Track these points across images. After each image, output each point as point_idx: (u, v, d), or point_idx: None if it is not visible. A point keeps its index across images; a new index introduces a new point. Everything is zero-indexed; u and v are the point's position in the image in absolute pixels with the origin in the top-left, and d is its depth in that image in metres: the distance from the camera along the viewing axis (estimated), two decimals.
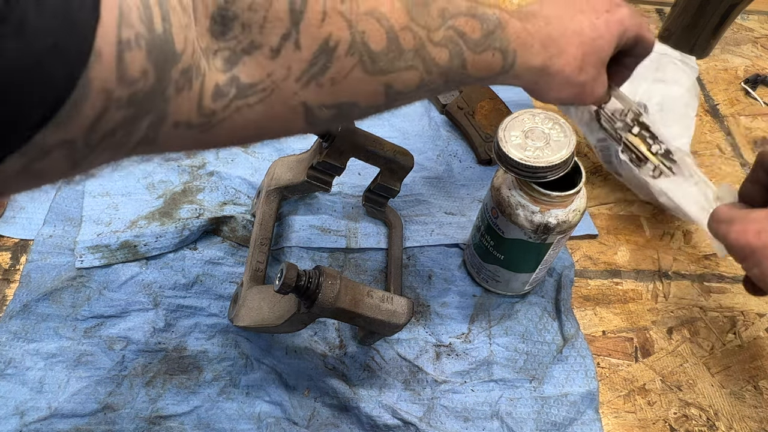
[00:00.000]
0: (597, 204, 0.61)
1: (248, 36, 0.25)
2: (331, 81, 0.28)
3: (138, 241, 0.51)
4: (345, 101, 0.29)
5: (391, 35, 0.29)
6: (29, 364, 0.44)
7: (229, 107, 0.25)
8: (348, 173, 0.52)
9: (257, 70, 0.25)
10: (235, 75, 0.25)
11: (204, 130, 0.25)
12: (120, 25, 0.18)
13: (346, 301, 0.38)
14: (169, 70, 0.21)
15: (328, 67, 0.27)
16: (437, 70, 0.32)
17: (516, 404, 0.46)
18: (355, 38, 0.27)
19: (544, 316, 0.51)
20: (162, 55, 0.20)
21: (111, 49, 0.18)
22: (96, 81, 0.18)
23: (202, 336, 0.47)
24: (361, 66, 0.28)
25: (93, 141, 0.19)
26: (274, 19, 0.25)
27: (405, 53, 0.29)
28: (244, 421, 0.44)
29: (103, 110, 0.18)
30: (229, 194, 0.56)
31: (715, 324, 0.53)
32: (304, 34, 0.26)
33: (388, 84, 0.30)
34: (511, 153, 0.39)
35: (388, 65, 0.29)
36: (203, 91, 0.23)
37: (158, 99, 0.21)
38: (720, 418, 0.47)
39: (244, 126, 0.27)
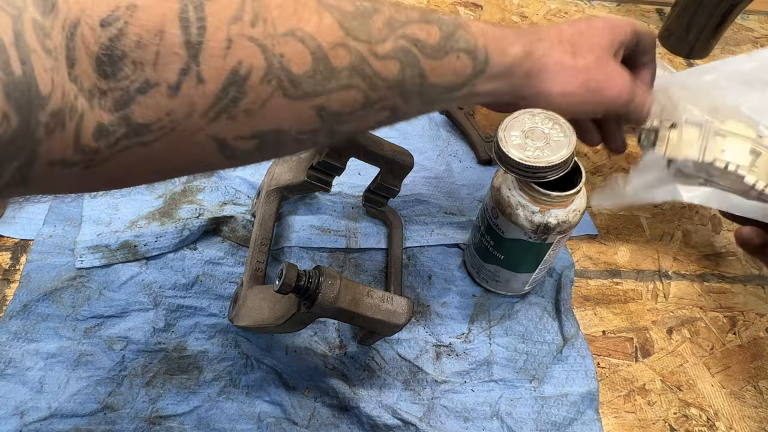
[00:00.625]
0: None
1: (141, 74, 0.23)
2: (245, 113, 0.25)
3: (138, 241, 0.51)
4: (266, 130, 0.26)
5: (318, 55, 0.26)
6: (29, 364, 0.44)
7: (116, 146, 0.23)
8: (348, 173, 0.51)
9: (154, 110, 0.23)
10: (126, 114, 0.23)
11: (87, 167, 0.23)
12: None
13: (346, 301, 0.38)
14: (35, 113, 0.19)
15: (241, 98, 0.25)
16: (385, 85, 0.28)
17: (516, 404, 0.46)
18: (271, 63, 0.25)
19: (544, 316, 0.51)
20: (24, 97, 0.19)
21: None
22: None
23: (202, 336, 0.47)
24: (281, 92, 0.25)
25: None
26: (169, 54, 0.23)
27: (338, 72, 0.26)
28: (244, 421, 0.44)
29: None
30: (229, 194, 0.56)
31: (715, 324, 0.53)
32: (206, 66, 0.23)
33: (319, 107, 0.27)
34: (511, 153, 0.39)
35: (316, 87, 0.26)
36: (80, 130, 0.22)
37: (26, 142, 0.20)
38: (720, 418, 0.47)
39: (139, 163, 0.25)
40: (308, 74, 0.26)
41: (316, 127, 0.28)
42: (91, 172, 0.24)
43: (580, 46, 0.37)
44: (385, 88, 0.29)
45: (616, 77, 0.39)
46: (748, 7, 0.73)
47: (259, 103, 0.25)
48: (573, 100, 0.38)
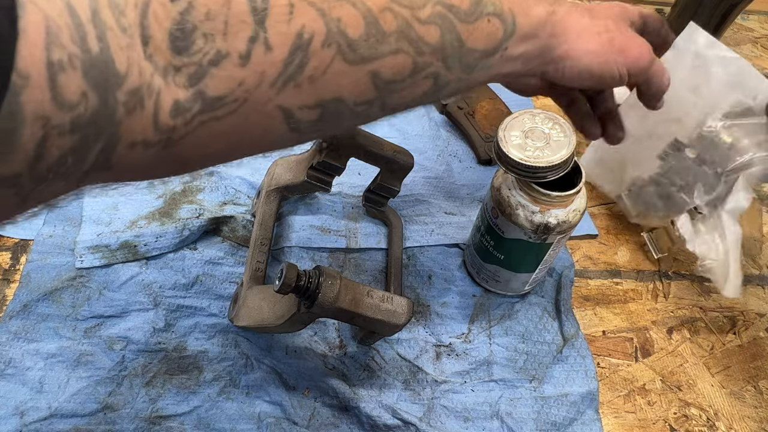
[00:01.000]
0: (597, 204, 0.61)
1: (213, 46, 0.23)
2: (309, 79, 0.26)
3: (138, 241, 0.51)
4: (328, 98, 0.27)
5: (369, 19, 0.26)
6: (29, 364, 0.44)
7: (192, 122, 0.24)
8: (348, 173, 0.51)
9: (227, 81, 0.24)
10: (200, 89, 0.23)
11: (165, 147, 0.23)
12: (48, 45, 0.17)
13: (346, 301, 0.38)
14: (113, 92, 0.19)
15: (306, 64, 0.25)
16: (429, 50, 0.29)
17: (516, 404, 0.46)
18: (330, 27, 0.25)
19: (544, 316, 0.51)
20: (102, 76, 0.19)
21: (41, 71, 0.17)
22: (29, 107, 0.16)
23: (202, 336, 0.47)
24: (341, 56, 0.26)
25: (40, 173, 0.18)
26: (237, 23, 0.23)
27: (388, 36, 0.27)
28: (244, 421, 0.44)
29: (43, 138, 0.17)
30: (229, 194, 0.56)
31: (715, 324, 0.53)
32: (273, 32, 0.24)
33: (374, 72, 0.28)
34: (511, 153, 0.39)
35: (370, 51, 0.27)
36: (158, 108, 0.22)
37: (107, 122, 0.20)
38: (720, 418, 0.47)
39: (212, 138, 0.25)
40: (363, 38, 0.26)
41: (371, 96, 0.29)
42: (169, 153, 0.24)
43: (597, 12, 0.38)
44: (429, 53, 0.29)
45: (636, 39, 0.39)
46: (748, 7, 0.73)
47: (322, 68, 0.26)
48: (600, 59, 0.37)
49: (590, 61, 0.37)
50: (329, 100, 0.27)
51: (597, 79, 0.38)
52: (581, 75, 0.38)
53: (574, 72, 0.37)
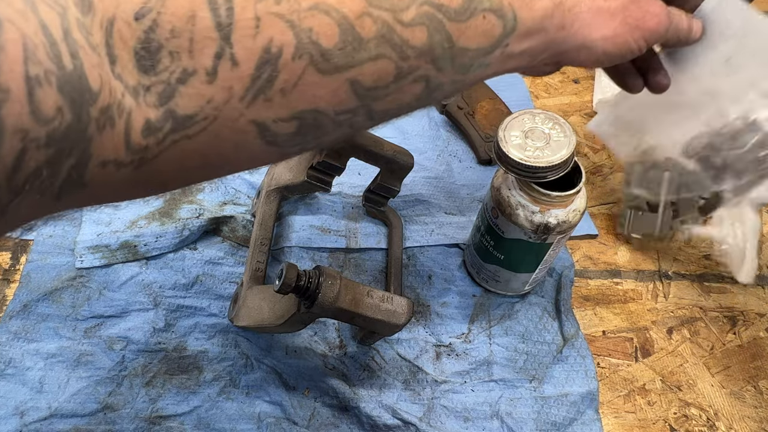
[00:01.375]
0: (597, 204, 0.61)
1: (179, 64, 0.23)
2: (281, 92, 0.25)
3: (138, 241, 0.51)
4: (304, 109, 0.26)
5: (344, 26, 0.25)
6: (29, 364, 0.44)
7: (164, 141, 0.23)
8: (348, 173, 0.52)
9: (195, 99, 0.23)
10: (171, 108, 0.23)
11: (138, 167, 0.23)
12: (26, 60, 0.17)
13: (346, 301, 0.38)
14: (87, 108, 0.20)
15: (275, 78, 0.25)
16: (414, 53, 0.28)
17: (516, 404, 0.46)
18: (300, 39, 0.24)
19: (544, 316, 0.51)
20: (76, 92, 0.19)
21: (20, 85, 0.17)
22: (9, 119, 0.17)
23: (202, 336, 0.47)
24: (314, 67, 0.25)
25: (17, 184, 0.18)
26: (202, 39, 0.23)
27: (366, 42, 0.26)
28: (244, 421, 0.44)
29: (21, 151, 0.18)
30: (229, 194, 0.56)
31: (715, 324, 0.53)
32: (239, 47, 0.23)
33: (352, 80, 0.27)
34: (511, 153, 0.39)
35: (347, 60, 0.26)
36: (129, 128, 0.22)
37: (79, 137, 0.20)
38: (720, 418, 0.47)
39: (185, 157, 0.25)
40: (338, 46, 0.25)
41: (353, 105, 0.28)
42: (143, 173, 0.24)
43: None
44: (415, 56, 0.28)
45: (650, 7, 0.37)
46: None
47: (293, 80, 0.25)
48: (616, 41, 0.36)
49: (607, 46, 0.35)
50: (306, 111, 0.26)
51: (616, 59, 0.37)
52: (598, 60, 0.36)
53: (591, 60, 0.36)
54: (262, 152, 0.27)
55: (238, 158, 0.27)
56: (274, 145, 0.27)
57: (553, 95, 0.71)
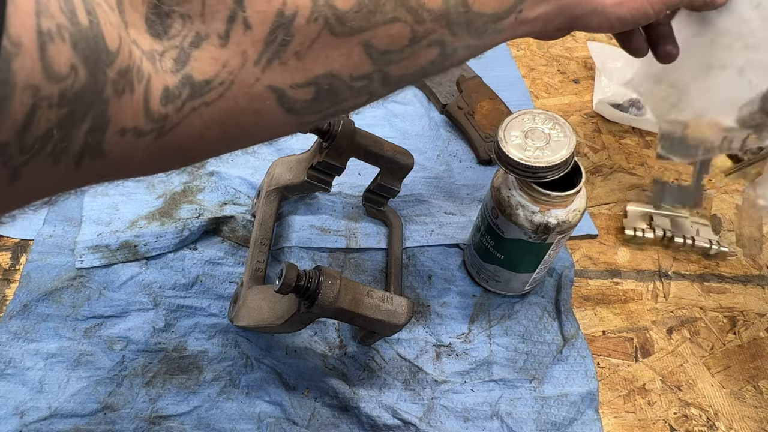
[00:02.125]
0: (597, 204, 0.61)
1: (191, 28, 0.22)
2: (295, 56, 0.25)
3: (138, 241, 0.51)
4: (319, 74, 0.26)
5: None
6: (29, 364, 0.44)
7: (183, 109, 0.23)
8: (348, 173, 0.52)
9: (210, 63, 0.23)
10: (187, 73, 0.23)
11: (158, 137, 0.23)
12: (38, 13, 0.16)
13: (346, 301, 0.38)
14: (103, 69, 0.19)
15: (289, 42, 0.24)
16: (430, 17, 0.28)
17: (516, 404, 0.46)
18: (316, 2, 0.24)
19: (544, 316, 0.51)
20: (91, 51, 0.18)
21: (31, 39, 0.16)
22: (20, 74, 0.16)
23: (202, 336, 0.47)
24: (329, 30, 0.25)
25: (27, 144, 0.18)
26: (215, 3, 0.23)
27: (382, 5, 0.26)
28: (244, 421, 0.44)
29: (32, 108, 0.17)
30: (229, 194, 0.56)
31: (715, 324, 0.53)
32: (252, 11, 0.23)
33: (366, 43, 0.26)
34: (511, 153, 0.39)
35: (362, 22, 0.25)
36: (148, 94, 0.22)
37: (95, 100, 0.19)
38: (720, 418, 0.47)
39: (205, 126, 0.25)
40: (354, 9, 0.25)
41: (368, 69, 0.27)
42: (163, 143, 0.23)
43: None
44: (430, 20, 0.28)
45: None
46: None
47: (307, 44, 0.25)
48: (631, 6, 0.35)
49: (620, 12, 0.35)
50: (321, 76, 0.26)
51: (630, 25, 0.36)
52: (612, 26, 0.35)
53: (605, 26, 0.35)
54: (282, 121, 0.27)
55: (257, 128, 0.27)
56: (293, 113, 0.27)
57: (553, 95, 0.71)
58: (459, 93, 0.66)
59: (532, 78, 0.73)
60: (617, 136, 0.67)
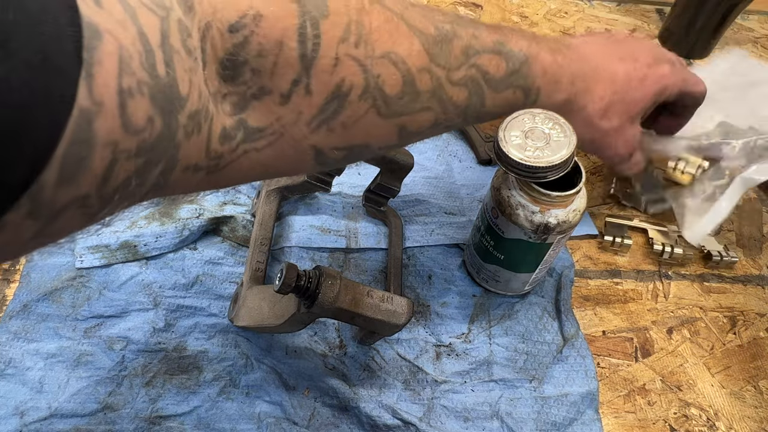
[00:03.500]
0: (597, 204, 0.61)
1: (258, 81, 0.24)
2: (342, 125, 0.27)
3: (138, 241, 0.51)
4: (357, 143, 0.29)
5: (407, 78, 0.28)
6: (29, 364, 0.44)
7: (237, 150, 0.25)
8: (348, 173, 0.52)
9: (266, 115, 0.25)
10: (243, 119, 0.24)
11: (211, 172, 0.24)
12: (121, 73, 0.17)
13: (346, 301, 0.38)
14: (176, 115, 0.20)
15: (340, 112, 0.26)
16: (454, 110, 0.31)
17: (516, 404, 0.46)
18: (369, 83, 0.26)
19: (544, 316, 0.51)
20: (167, 100, 0.19)
21: (113, 98, 0.17)
22: (101, 132, 0.17)
23: (202, 336, 0.47)
24: (375, 110, 0.27)
25: (107, 194, 0.19)
26: (285, 65, 0.24)
27: (421, 95, 0.29)
28: (244, 421, 0.44)
29: (112, 162, 0.18)
30: (229, 194, 0.56)
31: (715, 324, 0.53)
32: (316, 80, 0.25)
33: (401, 126, 0.29)
34: (511, 153, 0.39)
35: (403, 108, 0.28)
36: (211, 134, 0.23)
37: (168, 145, 0.20)
38: (720, 418, 0.47)
39: (251, 168, 0.26)
40: (398, 95, 0.28)
41: (393, 143, 0.31)
42: (214, 178, 0.25)
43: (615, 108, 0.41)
44: (454, 112, 0.31)
45: (619, 146, 0.44)
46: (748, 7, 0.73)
47: (355, 118, 0.27)
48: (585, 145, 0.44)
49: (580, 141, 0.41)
50: (357, 145, 0.29)
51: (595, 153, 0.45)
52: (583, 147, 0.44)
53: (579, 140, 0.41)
54: (311, 168, 0.30)
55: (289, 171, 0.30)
56: (321, 165, 0.30)
57: None
58: None
59: None
60: None
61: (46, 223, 0.17)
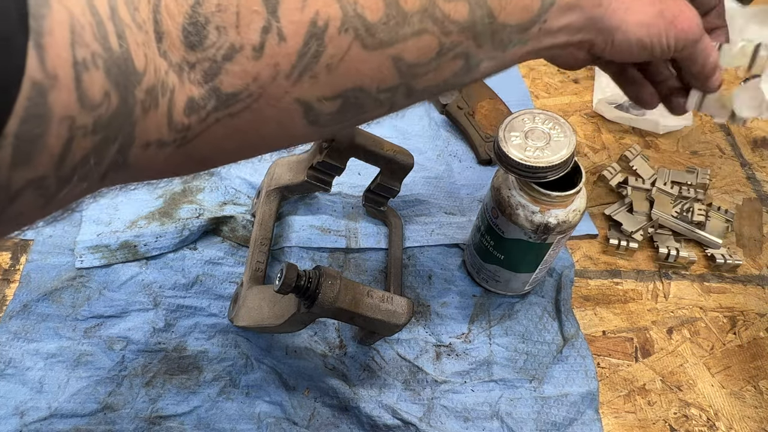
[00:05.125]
0: (597, 204, 0.61)
1: (226, 39, 0.22)
2: (326, 68, 0.24)
3: (138, 241, 0.51)
4: (348, 87, 0.26)
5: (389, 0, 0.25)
6: (29, 364, 0.44)
7: (207, 119, 0.23)
8: (348, 173, 0.52)
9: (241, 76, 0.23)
10: (215, 86, 0.23)
11: (180, 145, 0.23)
12: (73, 44, 0.16)
13: (346, 301, 0.38)
14: (132, 91, 0.19)
15: (321, 53, 0.24)
16: (457, 29, 0.27)
17: (516, 404, 0.46)
18: (346, 11, 0.24)
19: (544, 316, 0.51)
20: (122, 74, 0.18)
21: (67, 71, 0.16)
22: (56, 107, 0.16)
23: (202, 336, 0.47)
24: (359, 42, 0.25)
25: (64, 174, 0.18)
26: (249, 13, 0.22)
27: (410, 17, 0.26)
28: (244, 421, 0.44)
29: (69, 139, 0.17)
30: (229, 194, 0.56)
31: (715, 324, 0.53)
32: (286, 21, 0.23)
33: (396, 57, 0.26)
34: (511, 153, 0.39)
35: (391, 35, 0.25)
36: (172, 107, 0.22)
37: (125, 122, 0.19)
38: (720, 418, 0.47)
39: (227, 136, 0.24)
40: (382, 20, 0.25)
41: (395, 83, 0.27)
42: (184, 152, 0.23)
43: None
44: (457, 31, 0.27)
45: (687, 10, 0.36)
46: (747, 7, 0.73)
47: (339, 56, 0.24)
48: (650, 31, 0.35)
49: (641, 33, 0.34)
50: (349, 89, 0.26)
51: (647, 51, 0.36)
52: (631, 48, 0.35)
53: (624, 45, 0.35)
54: (303, 132, 0.27)
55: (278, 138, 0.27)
56: (316, 125, 0.27)
57: (553, 95, 0.71)
58: (459, 93, 0.66)
59: (532, 78, 0.72)
60: (617, 136, 0.67)
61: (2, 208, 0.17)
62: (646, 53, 0.36)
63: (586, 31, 0.33)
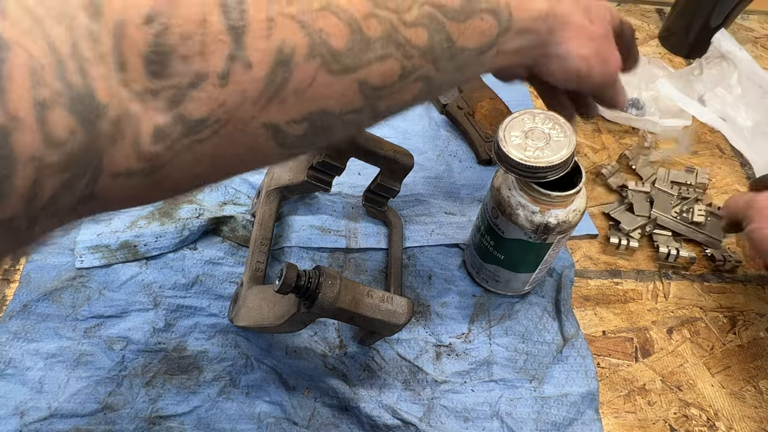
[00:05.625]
0: (597, 204, 0.61)
1: (190, 68, 0.22)
2: (294, 93, 0.25)
3: (138, 241, 0.51)
4: (314, 110, 0.26)
5: (353, 27, 0.26)
6: (29, 364, 0.44)
7: (174, 147, 0.23)
8: (348, 173, 0.52)
9: (207, 102, 0.23)
10: (180, 113, 0.23)
11: (148, 174, 0.23)
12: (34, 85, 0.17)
13: (346, 301, 0.38)
14: (97, 124, 0.19)
15: (288, 79, 0.24)
16: (418, 53, 0.28)
17: (516, 404, 0.46)
18: (312, 39, 0.24)
19: (544, 316, 0.51)
20: (86, 109, 0.19)
21: (29, 111, 0.16)
22: (20, 148, 0.16)
23: (202, 336, 0.47)
24: (325, 68, 0.25)
25: (34, 213, 0.18)
26: (214, 42, 0.22)
27: (373, 43, 0.26)
28: (244, 421, 0.44)
29: (36, 180, 0.17)
30: (229, 194, 0.56)
31: (715, 324, 0.53)
32: (252, 50, 0.23)
33: (361, 81, 0.27)
34: (511, 153, 0.39)
35: (355, 60, 0.26)
36: (138, 136, 0.22)
37: (92, 156, 0.19)
38: (720, 418, 0.47)
39: (195, 161, 0.24)
40: (347, 47, 0.26)
41: (359, 105, 0.28)
42: (153, 180, 0.24)
43: (594, 14, 0.38)
44: (418, 56, 0.29)
45: (615, 52, 0.40)
46: (748, 7, 0.73)
47: (307, 81, 0.25)
48: (588, 63, 0.38)
49: (581, 65, 0.38)
50: (315, 113, 0.27)
51: (579, 81, 0.39)
52: (567, 75, 0.38)
53: (561, 71, 0.38)
54: (273, 153, 0.27)
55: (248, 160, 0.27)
56: (285, 147, 0.27)
57: None
58: (459, 93, 0.66)
59: None
60: (617, 136, 0.67)
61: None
62: (576, 83, 0.39)
63: (535, 55, 0.36)
